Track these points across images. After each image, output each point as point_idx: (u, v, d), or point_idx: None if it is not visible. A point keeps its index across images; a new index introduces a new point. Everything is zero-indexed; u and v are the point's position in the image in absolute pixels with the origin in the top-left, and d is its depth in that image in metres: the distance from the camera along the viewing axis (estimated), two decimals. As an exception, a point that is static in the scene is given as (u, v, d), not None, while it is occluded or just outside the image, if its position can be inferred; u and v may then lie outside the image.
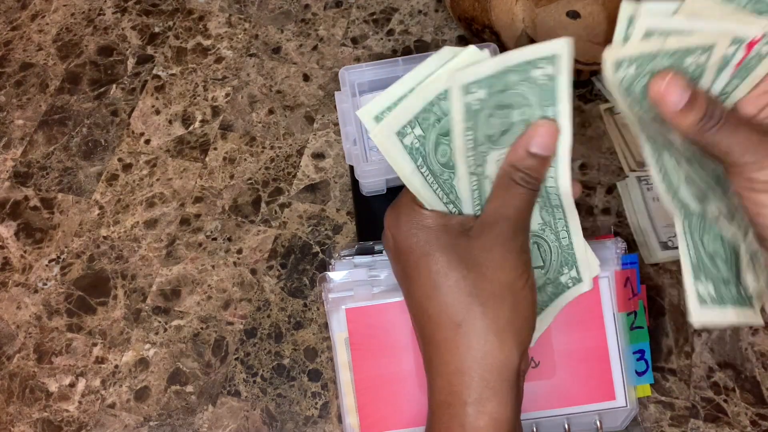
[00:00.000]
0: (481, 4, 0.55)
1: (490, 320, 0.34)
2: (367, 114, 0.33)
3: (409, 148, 0.33)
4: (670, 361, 0.50)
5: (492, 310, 0.34)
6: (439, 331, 0.35)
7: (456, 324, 0.34)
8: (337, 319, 0.45)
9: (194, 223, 0.56)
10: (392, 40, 0.63)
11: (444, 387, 0.35)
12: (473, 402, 0.34)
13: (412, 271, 0.35)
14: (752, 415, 0.49)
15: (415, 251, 0.35)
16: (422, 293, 0.35)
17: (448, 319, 0.34)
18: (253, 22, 0.65)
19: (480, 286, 0.34)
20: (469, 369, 0.34)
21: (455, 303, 0.34)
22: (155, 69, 0.63)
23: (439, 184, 0.35)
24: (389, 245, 0.37)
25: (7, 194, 0.58)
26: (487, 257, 0.34)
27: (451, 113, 0.32)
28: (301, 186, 0.57)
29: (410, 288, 0.36)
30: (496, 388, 0.34)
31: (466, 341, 0.34)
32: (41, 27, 0.66)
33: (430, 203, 0.36)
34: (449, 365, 0.34)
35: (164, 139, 0.60)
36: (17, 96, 0.62)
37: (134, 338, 0.53)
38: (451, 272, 0.34)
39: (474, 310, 0.34)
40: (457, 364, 0.34)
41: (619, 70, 0.31)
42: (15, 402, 0.51)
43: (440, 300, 0.34)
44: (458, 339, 0.34)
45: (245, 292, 0.54)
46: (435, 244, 0.35)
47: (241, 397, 0.51)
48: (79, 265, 0.55)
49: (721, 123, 0.32)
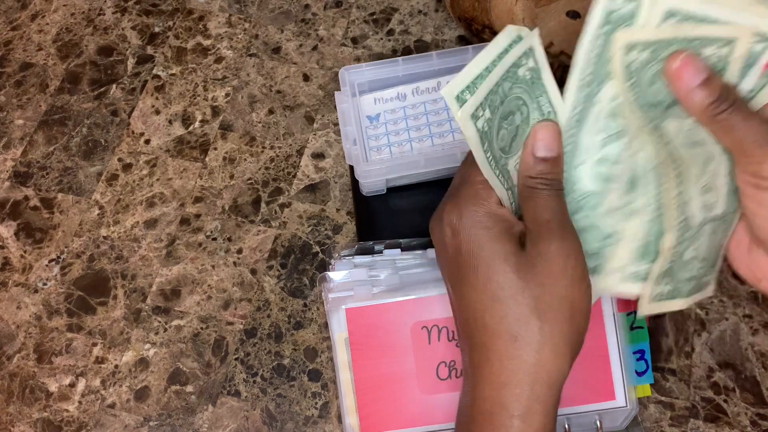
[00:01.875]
0: (481, 4, 0.55)
1: (547, 335, 0.33)
2: (449, 94, 0.32)
3: (480, 131, 0.33)
4: (670, 361, 0.50)
5: (549, 325, 0.33)
6: (494, 341, 0.34)
7: (513, 336, 0.34)
8: (337, 319, 0.45)
9: (194, 223, 0.56)
10: (392, 40, 0.63)
11: (492, 396, 0.34)
12: (521, 415, 0.33)
13: (470, 275, 0.35)
14: (752, 415, 0.49)
15: (476, 255, 0.34)
16: (479, 300, 0.34)
17: (504, 330, 0.34)
18: (253, 22, 0.65)
19: (539, 298, 0.33)
20: (521, 382, 0.33)
21: (513, 315, 0.34)
22: (155, 69, 0.63)
23: (500, 169, 0.35)
24: (446, 240, 0.36)
25: (7, 194, 0.58)
26: (544, 267, 0.34)
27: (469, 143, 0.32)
28: (301, 186, 0.57)
29: (465, 291, 0.35)
30: (544, 402, 0.34)
31: (521, 354, 0.33)
32: (41, 27, 0.66)
33: (496, 190, 0.35)
34: (500, 376, 0.34)
35: (164, 139, 0.60)
36: (17, 96, 0.62)
37: (134, 338, 0.53)
38: (511, 283, 0.34)
39: (532, 324, 0.33)
40: (509, 376, 0.34)
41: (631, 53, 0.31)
42: (15, 402, 0.51)
43: (499, 311, 0.34)
44: (513, 351, 0.34)
45: (245, 292, 0.54)
46: (498, 252, 0.34)
47: (241, 397, 0.51)
48: (79, 265, 0.55)
49: (734, 108, 0.31)
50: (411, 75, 0.54)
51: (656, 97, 0.32)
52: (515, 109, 0.33)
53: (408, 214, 0.53)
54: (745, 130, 0.31)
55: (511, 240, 0.34)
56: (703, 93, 0.31)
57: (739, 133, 0.32)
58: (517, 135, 0.34)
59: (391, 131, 0.54)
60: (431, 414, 0.45)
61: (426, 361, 0.45)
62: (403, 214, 0.53)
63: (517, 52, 0.31)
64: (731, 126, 0.31)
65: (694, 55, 0.31)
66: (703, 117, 0.32)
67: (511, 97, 0.32)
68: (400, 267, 0.47)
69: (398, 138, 0.54)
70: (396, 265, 0.47)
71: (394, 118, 0.55)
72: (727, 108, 0.31)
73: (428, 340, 0.45)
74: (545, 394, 0.34)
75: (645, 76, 0.32)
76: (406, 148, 0.54)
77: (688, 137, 0.33)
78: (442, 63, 0.54)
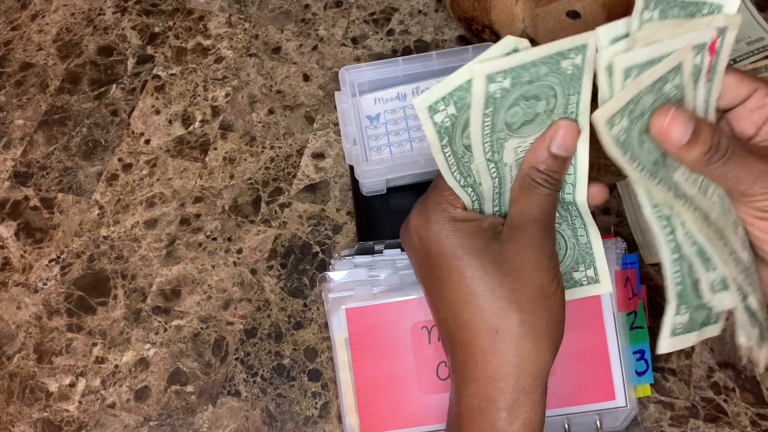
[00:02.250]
0: (481, 4, 0.55)
1: (527, 326, 0.34)
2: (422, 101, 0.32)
3: (438, 125, 0.33)
4: (670, 361, 0.50)
5: (529, 316, 0.34)
6: (475, 336, 0.34)
7: (493, 330, 0.34)
8: (337, 319, 0.45)
9: (194, 223, 0.56)
10: (392, 40, 0.63)
11: (478, 392, 0.34)
12: (507, 407, 0.34)
13: (443, 275, 0.35)
14: (752, 415, 0.49)
15: (447, 254, 0.35)
16: (455, 298, 0.35)
17: (484, 325, 0.34)
18: (253, 22, 0.65)
19: (517, 291, 0.34)
20: (506, 375, 0.34)
21: (492, 309, 0.34)
22: (155, 69, 0.63)
23: (458, 167, 0.35)
24: (414, 246, 0.37)
25: (7, 194, 0.58)
26: (521, 261, 0.34)
27: (471, 99, 0.32)
28: (301, 186, 0.57)
29: (441, 291, 0.35)
30: (530, 393, 0.34)
31: (503, 347, 0.34)
32: (41, 27, 0.66)
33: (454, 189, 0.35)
34: (486, 371, 0.34)
35: (164, 139, 0.60)
36: (17, 96, 0.62)
37: (134, 338, 0.53)
38: (487, 277, 0.34)
39: (511, 317, 0.34)
40: (494, 370, 0.34)
41: (614, 127, 0.31)
42: (15, 402, 0.51)
43: (477, 306, 0.34)
44: (495, 345, 0.34)
45: (245, 292, 0.54)
46: (469, 248, 0.34)
47: (241, 397, 0.51)
48: (79, 265, 0.55)
49: (728, 155, 0.31)
50: (411, 75, 0.54)
51: (652, 155, 0.33)
52: (543, 96, 0.33)
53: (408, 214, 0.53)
54: (744, 174, 0.32)
55: (483, 235, 0.35)
56: (695, 147, 0.31)
57: (739, 177, 0.32)
58: (533, 122, 0.34)
59: (391, 131, 0.54)
60: (431, 414, 0.45)
61: (426, 361, 0.45)
62: (403, 214, 0.53)
63: (567, 44, 0.31)
64: (728, 171, 0.32)
65: (677, 111, 0.31)
66: (699, 168, 0.32)
67: (544, 83, 0.32)
68: (400, 267, 0.47)
69: (398, 138, 0.54)
70: (396, 265, 0.47)
71: (394, 118, 0.55)
72: (723, 155, 0.31)
73: (428, 340, 0.45)
74: (531, 385, 0.34)
75: (634, 141, 0.32)
76: (406, 148, 0.54)
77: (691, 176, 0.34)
78: (442, 63, 0.54)
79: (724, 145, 0.31)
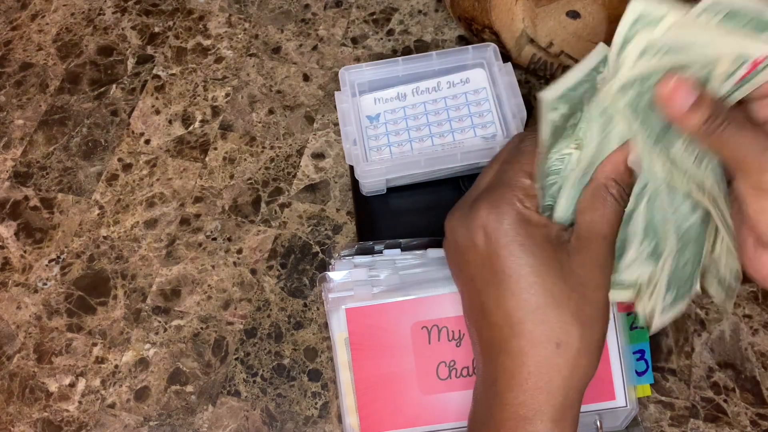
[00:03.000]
0: (481, 4, 0.55)
1: (585, 342, 0.34)
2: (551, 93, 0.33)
3: (554, 123, 0.33)
4: (670, 361, 0.50)
5: (590, 333, 0.34)
6: (533, 346, 0.34)
7: (555, 343, 0.34)
8: (337, 319, 0.45)
9: (194, 223, 0.56)
10: (392, 40, 0.63)
11: (527, 402, 0.34)
12: (555, 420, 0.34)
13: (508, 279, 0.34)
14: (752, 415, 0.49)
15: (518, 259, 0.34)
16: (518, 305, 0.34)
17: (546, 337, 0.34)
18: (253, 22, 0.65)
19: (582, 307, 0.34)
20: (559, 388, 0.34)
21: (558, 322, 0.34)
22: (155, 69, 0.63)
23: (545, 166, 0.35)
24: (477, 242, 0.36)
25: (7, 194, 0.58)
26: (588, 277, 0.34)
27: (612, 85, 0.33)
28: (301, 186, 0.57)
29: (500, 295, 0.35)
30: (574, 407, 0.34)
31: (561, 361, 0.34)
32: (41, 27, 0.66)
33: (538, 189, 0.36)
34: (538, 381, 0.34)
35: (164, 139, 0.60)
36: (17, 96, 0.62)
37: (134, 338, 0.53)
38: (556, 290, 0.34)
39: (573, 332, 0.34)
40: (547, 382, 0.34)
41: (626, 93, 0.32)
42: (15, 402, 0.51)
43: (543, 317, 0.34)
44: (553, 358, 0.34)
45: (245, 292, 0.54)
46: (541, 257, 0.34)
47: (241, 397, 0.51)
48: (79, 265, 0.55)
49: (727, 122, 0.31)
50: (411, 75, 0.54)
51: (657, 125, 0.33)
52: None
53: (408, 214, 0.53)
54: (740, 142, 0.31)
55: (553, 246, 0.35)
56: (696, 113, 0.31)
57: (735, 146, 0.32)
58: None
59: (391, 131, 0.54)
60: (431, 414, 0.45)
61: (426, 361, 0.45)
62: (403, 214, 0.53)
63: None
64: (726, 140, 0.32)
65: (682, 77, 0.31)
66: (697, 135, 0.32)
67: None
68: (400, 267, 0.47)
69: (398, 138, 0.54)
70: (396, 265, 0.47)
71: (394, 118, 0.54)
72: (721, 123, 0.31)
73: (428, 340, 0.45)
74: (576, 399, 0.34)
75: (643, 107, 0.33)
76: (406, 148, 0.54)
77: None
78: (442, 63, 0.54)
79: (723, 113, 0.31)
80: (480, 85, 0.54)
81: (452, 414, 0.45)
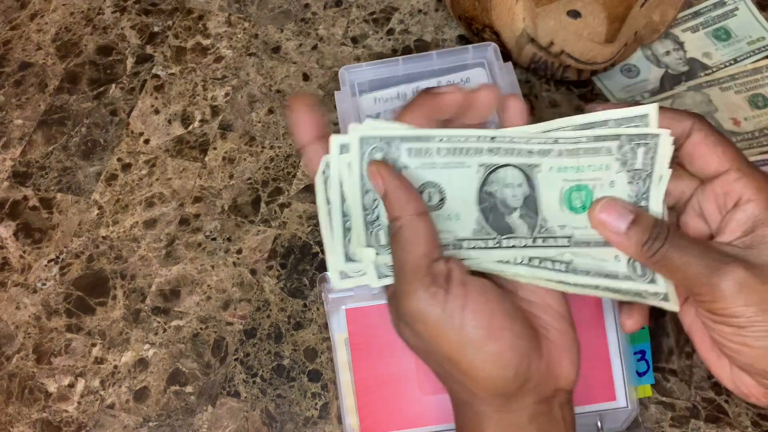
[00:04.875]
0: (482, 4, 0.55)
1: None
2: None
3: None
4: (671, 362, 0.50)
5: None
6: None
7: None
8: (337, 319, 0.45)
9: (194, 223, 0.56)
10: (392, 40, 0.63)
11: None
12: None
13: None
14: (753, 415, 0.49)
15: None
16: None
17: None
18: (252, 21, 0.65)
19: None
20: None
21: None
22: (154, 68, 0.63)
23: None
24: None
25: (6, 194, 0.58)
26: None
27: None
28: (300, 186, 0.57)
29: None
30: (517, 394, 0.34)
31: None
32: (40, 26, 0.65)
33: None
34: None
35: (163, 139, 0.60)
36: (16, 96, 0.62)
37: (133, 338, 0.53)
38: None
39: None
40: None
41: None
42: (14, 402, 0.51)
43: None
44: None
45: (245, 292, 0.54)
46: None
47: (241, 398, 0.51)
48: (78, 265, 0.55)
49: (668, 244, 0.30)
50: (411, 75, 0.54)
51: None
52: None
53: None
54: (685, 265, 0.30)
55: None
56: (633, 236, 0.31)
57: (681, 270, 0.30)
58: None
59: (391, 131, 0.54)
60: (431, 415, 0.45)
61: (426, 362, 0.45)
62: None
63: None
64: (670, 263, 0.31)
65: (613, 199, 0.31)
66: (639, 257, 0.31)
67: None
68: (400, 267, 0.46)
69: (398, 138, 0.54)
70: (396, 266, 0.47)
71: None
72: (662, 245, 0.30)
73: (428, 340, 0.45)
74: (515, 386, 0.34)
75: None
76: (406, 147, 0.53)
77: None
78: (443, 63, 0.54)
79: (663, 234, 0.30)
80: (480, 85, 0.54)
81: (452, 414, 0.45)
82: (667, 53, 0.61)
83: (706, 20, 0.62)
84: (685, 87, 0.58)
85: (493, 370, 0.31)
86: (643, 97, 0.59)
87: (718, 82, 0.58)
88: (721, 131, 0.56)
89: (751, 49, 0.60)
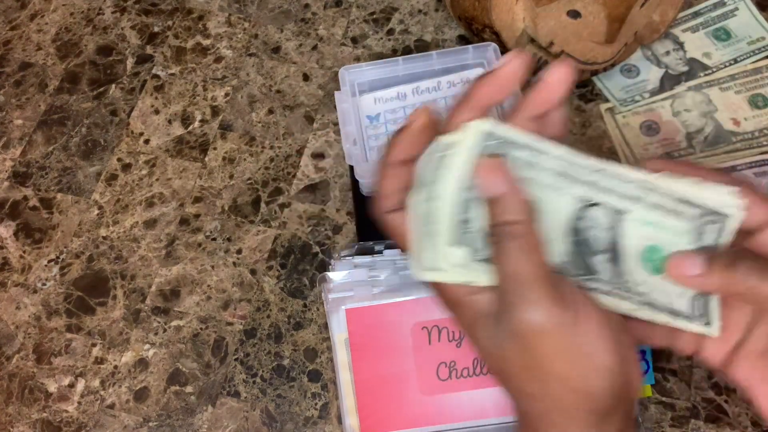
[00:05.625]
0: (482, 4, 0.55)
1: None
2: None
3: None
4: (671, 362, 0.50)
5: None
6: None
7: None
8: (337, 319, 0.45)
9: (194, 223, 0.56)
10: (392, 40, 0.63)
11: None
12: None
13: None
14: (753, 415, 0.49)
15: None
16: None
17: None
18: (252, 21, 0.65)
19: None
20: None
21: None
22: (154, 69, 0.63)
23: None
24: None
25: (6, 194, 0.58)
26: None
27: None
28: (300, 186, 0.57)
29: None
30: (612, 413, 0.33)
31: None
32: (40, 27, 0.65)
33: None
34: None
35: (163, 139, 0.60)
36: (16, 96, 0.62)
37: (133, 338, 0.53)
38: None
39: None
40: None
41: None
42: (14, 402, 0.51)
43: None
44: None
45: (245, 292, 0.54)
46: None
47: (241, 398, 0.51)
48: (78, 266, 0.55)
49: (735, 266, 0.31)
50: (411, 75, 0.54)
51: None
52: None
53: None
54: (755, 278, 0.30)
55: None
56: (709, 277, 0.31)
57: (751, 284, 0.30)
58: None
59: (391, 131, 0.54)
60: (431, 415, 0.45)
61: (426, 362, 0.45)
62: (403, 214, 0.53)
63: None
64: (740, 282, 0.31)
65: (680, 252, 0.32)
66: (713, 291, 0.32)
67: None
68: (400, 267, 0.47)
69: (398, 138, 0.54)
70: (396, 265, 0.47)
71: (394, 118, 0.54)
72: (730, 268, 0.31)
73: (428, 340, 0.45)
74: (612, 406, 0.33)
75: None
76: (406, 148, 0.53)
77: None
78: (442, 63, 0.54)
79: (729, 259, 0.31)
80: (480, 85, 0.54)
81: (452, 415, 0.45)
82: (667, 53, 0.61)
83: (706, 20, 0.62)
84: (685, 87, 0.58)
85: (605, 385, 0.30)
86: (643, 97, 0.59)
87: (718, 82, 0.58)
88: (721, 131, 0.56)
89: (751, 49, 0.60)
